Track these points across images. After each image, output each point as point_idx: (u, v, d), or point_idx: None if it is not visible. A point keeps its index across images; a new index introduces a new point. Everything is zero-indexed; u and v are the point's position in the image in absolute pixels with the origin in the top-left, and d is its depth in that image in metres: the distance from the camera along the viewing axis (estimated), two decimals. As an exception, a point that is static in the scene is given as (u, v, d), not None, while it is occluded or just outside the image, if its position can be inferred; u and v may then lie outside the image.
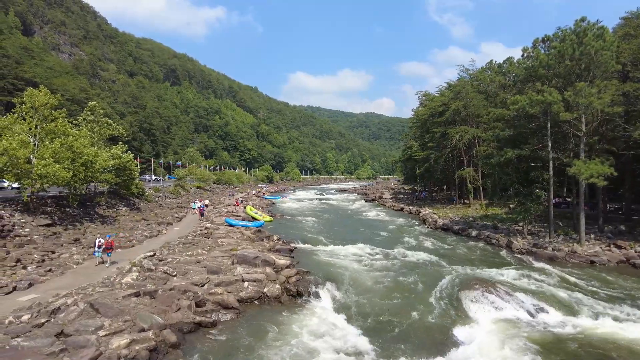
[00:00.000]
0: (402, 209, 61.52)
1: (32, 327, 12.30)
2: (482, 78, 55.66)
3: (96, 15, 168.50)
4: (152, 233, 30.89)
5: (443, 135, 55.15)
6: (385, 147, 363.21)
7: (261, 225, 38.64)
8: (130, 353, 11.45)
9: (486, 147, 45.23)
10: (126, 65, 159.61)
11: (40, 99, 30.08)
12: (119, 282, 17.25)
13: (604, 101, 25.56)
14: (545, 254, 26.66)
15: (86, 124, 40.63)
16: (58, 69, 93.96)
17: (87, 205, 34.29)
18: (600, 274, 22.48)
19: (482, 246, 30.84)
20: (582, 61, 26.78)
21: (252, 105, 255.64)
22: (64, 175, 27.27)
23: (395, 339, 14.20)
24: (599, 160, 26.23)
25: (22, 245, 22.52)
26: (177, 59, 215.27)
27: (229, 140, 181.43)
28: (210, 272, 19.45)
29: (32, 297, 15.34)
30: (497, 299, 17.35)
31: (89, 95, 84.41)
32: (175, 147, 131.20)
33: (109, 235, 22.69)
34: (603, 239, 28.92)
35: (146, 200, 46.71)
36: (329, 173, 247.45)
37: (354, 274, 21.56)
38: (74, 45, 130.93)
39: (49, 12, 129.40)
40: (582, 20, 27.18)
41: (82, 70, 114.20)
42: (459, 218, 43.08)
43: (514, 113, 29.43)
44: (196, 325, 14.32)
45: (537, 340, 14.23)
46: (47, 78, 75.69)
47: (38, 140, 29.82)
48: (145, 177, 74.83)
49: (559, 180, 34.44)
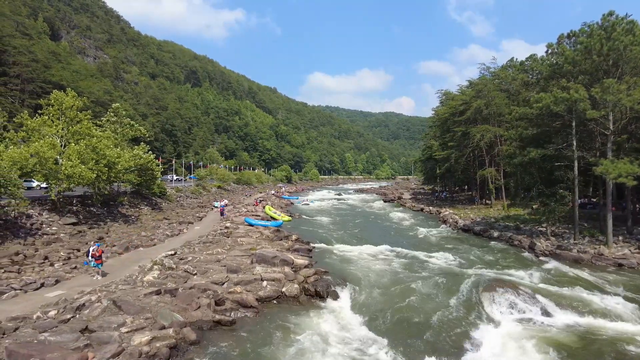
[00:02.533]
0: (421, 209, 60.80)
1: (59, 322, 12.69)
2: (504, 76, 54.47)
3: (120, 20, 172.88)
4: (173, 232, 31.44)
5: (464, 135, 54.22)
6: (404, 146, 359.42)
7: (280, 225, 38.87)
8: (151, 350, 11.67)
9: (508, 146, 44.13)
10: (148, 67, 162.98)
11: (67, 101, 31.00)
12: (141, 280, 17.64)
13: (634, 98, 24.61)
14: (570, 256, 25.87)
15: (110, 125, 41.69)
16: (84, 72, 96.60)
17: (110, 204, 35.20)
18: (628, 277, 21.67)
19: (503, 247, 30.17)
20: (610, 57, 25.91)
21: (271, 105, 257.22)
22: (88, 175, 28.07)
23: (413, 340, 14.03)
24: (628, 160, 25.25)
25: (49, 243, 23.34)
26: (197, 60, 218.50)
27: (249, 140, 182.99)
28: (229, 271, 19.66)
29: (59, 294, 15.86)
30: (518, 301, 16.96)
31: (112, 97, 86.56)
32: (196, 148, 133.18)
33: (98, 244, 19.67)
34: (632, 241, 27.83)
35: (168, 199, 47.64)
36: (347, 173, 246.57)
37: (373, 274, 21.44)
38: (98, 48, 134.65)
39: (76, 17, 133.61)
40: (610, 14, 26.30)
41: (106, 73, 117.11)
42: (480, 219, 42.29)
43: (537, 111, 28.63)
44: (215, 323, 14.48)
45: (559, 343, 13.85)
46: (73, 81, 77.90)
47: (65, 141, 30.75)
48: (167, 177, 76.14)
49: (584, 180, 33.40)
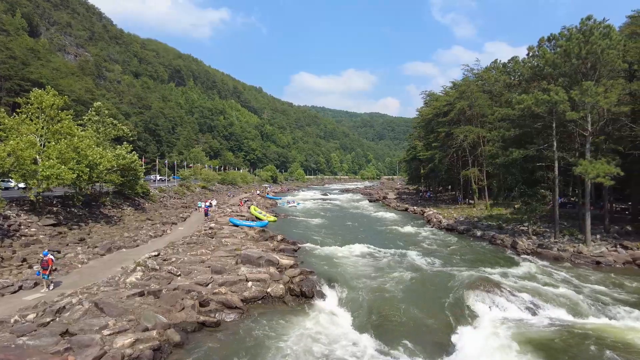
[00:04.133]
0: (406, 209, 61.37)
1: (38, 326, 12.36)
2: (487, 77, 55.45)
3: (101, 17, 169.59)
4: (156, 233, 31.02)
5: (448, 135, 54.94)
6: (389, 147, 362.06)
7: (265, 225, 38.72)
8: (134, 352, 11.49)
9: (491, 146, 45.00)
10: (131, 66, 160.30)
11: (47, 99, 30.27)
12: (124, 282, 17.32)
13: (611, 100, 25.34)
14: (551, 255, 26.47)
15: (91, 124, 40.87)
16: (64, 70, 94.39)
17: (92, 205, 34.52)
18: (605, 274, 22.26)
19: (486, 246, 30.68)
20: (588, 60, 26.57)
21: (256, 105, 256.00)
22: (69, 175, 27.47)
23: (399, 339, 14.13)
24: (605, 160, 25.98)
25: (28, 244, 22.75)
26: (181, 59, 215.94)
27: (234, 140, 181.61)
28: (214, 271, 19.49)
29: (38, 297, 15.48)
30: (501, 299, 17.26)
31: (94, 96, 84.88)
32: (180, 148, 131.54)
33: (45, 252, 17.10)
34: (609, 239, 28.62)
35: (151, 200, 46.96)
36: (333, 173, 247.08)
37: (358, 274, 21.53)
38: (79, 46, 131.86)
39: (55, 14, 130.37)
40: (589, 18, 26.97)
41: (88, 71, 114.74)
42: (464, 218, 42.91)
43: (519, 112, 29.25)
44: (200, 324, 14.35)
45: (541, 340, 14.13)
46: (53, 79, 76.06)
47: (44, 140, 30.02)
48: (150, 178, 75.16)
49: (565, 180, 34.18)
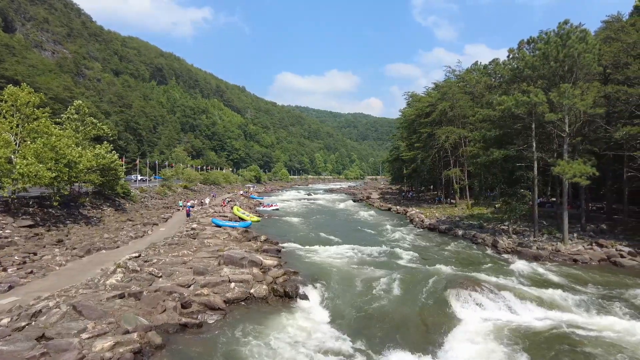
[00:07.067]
0: (389, 208, 61.86)
1: (12, 330, 11.99)
2: (468, 79, 56.37)
3: (80, 13, 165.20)
4: (137, 234, 30.43)
5: (430, 136, 55.62)
6: (373, 147, 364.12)
7: (248, 226, 38.46)
8: (114, 356, 11.25)
9: (472, 147, 45.65)
10: (111, 63, 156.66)
11: (22, 97, 29.40)
12: (103, 284, 16.95)
13: (587, 102, 26.07)
14: (530, 253, 27.07)
15: (70, 123, 39.79)
16: (41, 67, 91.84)
17: (70, 205, 33.64)
18: (582, 272, 22.90)
19: (468, 245, 31.15)
20: (565, 63, 27.27)
21: (239, 104, 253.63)
22: (46, 175, 26.72)
23: (382, 339, 14.23)
24: (582, 161, 26.74)
25: (2, 246, 21.99)
26: (163, 58, 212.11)
27: (216, 140, 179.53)
28: (196, 273, 19.24)
29: (13, 300, 14.97)
30: (482, 298, 17.52)
31: (73, 94, 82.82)
32: (162, 147, 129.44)
33: None
34: (585, 237, 29.48)
35: (132, 200, 46.05)
36: (317, 173, 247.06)
37: (342, 274, 21.59)
38: (57, 43, 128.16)
39: (31, 9, 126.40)
40: (565, 22, 27.67)
41: (66, 69, 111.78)
42: (446, 218, 43.48)
43: (499, 113, 29.83)
44: (182, 326, 14.14)
45: (522, 337, 14.42)
46: (29, 76, 73.94)
47: (19, 139, 29.14)
48: (131, 177, 73.66)
49: (544, 180, 34.97)
